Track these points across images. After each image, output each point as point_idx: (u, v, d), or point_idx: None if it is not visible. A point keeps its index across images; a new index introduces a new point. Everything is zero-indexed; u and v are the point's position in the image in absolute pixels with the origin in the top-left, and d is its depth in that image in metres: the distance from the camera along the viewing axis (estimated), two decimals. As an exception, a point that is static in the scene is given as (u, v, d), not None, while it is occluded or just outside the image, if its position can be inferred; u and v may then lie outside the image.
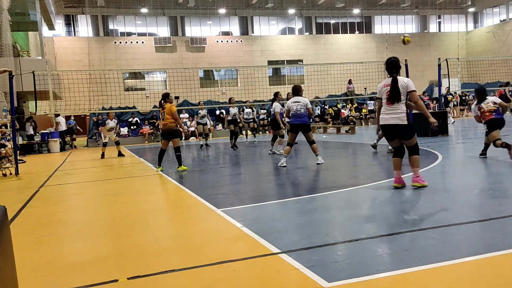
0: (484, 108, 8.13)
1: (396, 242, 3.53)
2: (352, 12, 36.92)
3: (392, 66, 5.75)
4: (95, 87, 22.01)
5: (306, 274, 2.95)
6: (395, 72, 5.71)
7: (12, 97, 10.89)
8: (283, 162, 8.65)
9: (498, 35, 37.20)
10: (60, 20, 31.05)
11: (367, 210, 4.74)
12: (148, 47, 32.23)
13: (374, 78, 22.44)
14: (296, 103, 8.72)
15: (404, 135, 5.66)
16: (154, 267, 3.31)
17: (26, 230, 4.86)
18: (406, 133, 5.62)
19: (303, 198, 5.57)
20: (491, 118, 8.03)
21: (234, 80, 34.33)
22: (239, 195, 6.08)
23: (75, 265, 3.54)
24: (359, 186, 6.12)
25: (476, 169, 7.26)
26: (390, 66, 5.75)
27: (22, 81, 17.12)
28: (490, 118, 8.06)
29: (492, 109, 8.08)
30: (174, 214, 5.43)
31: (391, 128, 5.69)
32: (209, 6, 33.21)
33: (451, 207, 4.72)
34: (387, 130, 5.77)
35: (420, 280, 2.78)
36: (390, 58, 5.85)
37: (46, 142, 19.25)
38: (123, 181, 8.58)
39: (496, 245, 3.30)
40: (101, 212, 5.71)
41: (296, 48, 35.59)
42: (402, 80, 5.65)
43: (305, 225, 4.21)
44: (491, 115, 8.07)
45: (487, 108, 8.09)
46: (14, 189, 8.56)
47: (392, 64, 5.76)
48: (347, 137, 16.63)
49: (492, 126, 8.08)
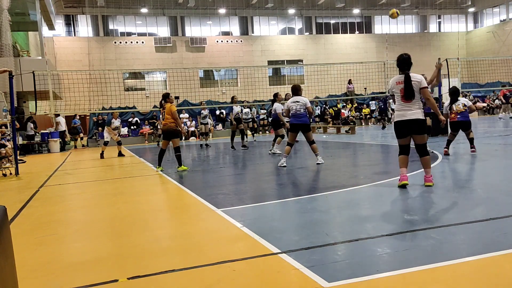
0: (454, 109, 8.99)
1: (396, 242, 3.53)
2: (352, 12, 36.90)
3: (404, 63, 5.80)
4: (95, 87, 22.01)
5: (306, 274, 2.95)
6: (407, 69, 5.76)
7: (12, 97, 10.90)
8: (283, 162, 8.66)
9: (498, 35, 37.19)
10: (60, 20, 31.04)
11: (367, 210, 4.74)
12: (148, 47, 32.22)
13: (374, 78, 22.44)
14: (295, 103, 8.74)
15: (419, 130, 5.71)
16: (154, 267, 3.31)
17: (26, 230, 4.86)
18: (421, 128, 5.70)
19: (303, 198, 5.57)
20: (454, 120, 8.98)
21: (234, 80, 34.32)
22: (239, 195, 6.08)
23: (75, 265, 3.54)
24: (359, 186, 6.12)
25: (476, 169, 7.26)
26: (402, 63, 5.81)
27: (22, 81, 17.13)
28: (453, 120, 9.00)
29: (460, 111, 8.97)
30: (174, 214, 5.43)
31: (406, 123, 5.73)
32: (209, 6, 33.20)
33: (451, 207, 4.72)
34: (402, 126, 5.80)
35: (420, 280, 2.78)
36: (402, 55, 5.89)
37: (46, 142, 19.26)
38: (123, 181, 8.58)
39: (496, 245, 3.30)
40: (101, 212, 5.71)
41: (296, 48, 35.58)
42: (414, 77, 5.71)
43: (305, 225, 4.21)
44: (455, 117, 8.97)
45: (456, 109, 8.96)
46: (14, 189, 8.56)
47: (404, 61, 5.80)
48: (347, 137, 16.63)
49: (453, 127, 9.06)
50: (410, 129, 5.74)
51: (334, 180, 7.07)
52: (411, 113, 5.70)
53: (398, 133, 5.91)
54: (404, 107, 5.74)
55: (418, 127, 5.70)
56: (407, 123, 5.73)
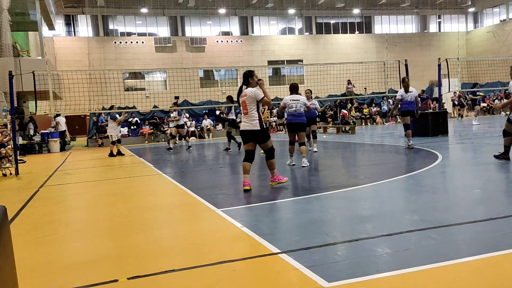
0: None
1: (396, 242, 3.53)
2: (352, 12, 36.90)
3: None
4: (95, 87, 21.99)
5: (306, 274, 2.95)
6: None
7: (12, 97, 10.89)
8: (291, 162, 8.78)
9: (498, 35, 37.19)
10: (60, 20, 31.04)
11: (367, 210, 4.74)
12: (148, 47, 32.23)
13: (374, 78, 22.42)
14: (295, 101, 8.59)
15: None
16: (154, 267, 3.31)
17: (26, 230, 4.85)
18: None
19: (303, 198, 5.57)
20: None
21: (234, 80, 34.32)
22: (239, 195, 6.08)
23: (75, 265, 3.54)
24: (359, 186, 6.12)
25: (476, 169, 7.26)
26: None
27: (22, 81, 17.11)
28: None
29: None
30: (174, 214, 5.43)
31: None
32: (209, 6, 33.20)
33: (451, 207, 4.72)
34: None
35: (420, 280, 2.78)
36: None
37: (46, 142, 19.25)
38: (123, 181, 8.58)
39: (496, 245, 3.30)
40: (101, 212, 5.71)
41: (296, 48, 35.59)
42: None
43: (305, 225, 4.21)
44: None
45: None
46: (14, 189, 8.56)
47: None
48: (347, 137, 16.62)
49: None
50: None
51: (334, 180, 7.07)
52: None
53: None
54: None
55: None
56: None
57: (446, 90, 16.38)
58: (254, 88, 6.24)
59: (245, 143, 6.36)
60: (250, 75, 6.28)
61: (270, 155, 6.36)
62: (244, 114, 6.29)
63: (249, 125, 6.21)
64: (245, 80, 6.30)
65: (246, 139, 6.32)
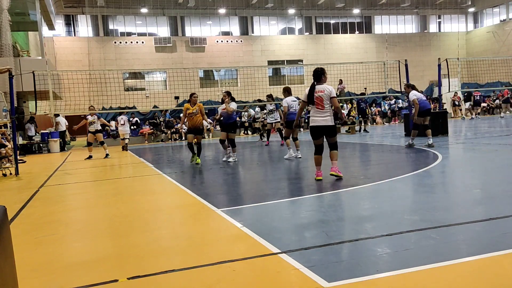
0: None
1: (396, 242, 3.53)
2: (352, 12, 36.91)
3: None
4: (95, 87, 22.01)
5: (306, 274, 2.95)
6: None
7: (12, 97, 10.89)
8: (297, 154, 9.88)
9: (498, 35, 37.20)
10: (60, 20, 31.04)
11: (367, 210, 4.73)
12: (148, 47, 32.23)
13: (374, 78, 22.43)
14: (295, 102, 10.02)
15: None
16: (154, 267, 3.31)
17: (26, 230, 4.85)
18: None
19: (303, 198, 5.57)
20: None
21: (234, 80, 34.33)
22: (239, 195, 6.07)
23: (75, 265, 3.54)
24: (359, 186, 6.12)
25: (476, 169, 7.26)
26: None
27: (22, 81, 17.12)
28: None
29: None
30: (174, 214, 5.43)
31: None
32: (209, 6, 33.21)
33: (451, 207, 4.71)
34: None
35: (420, 280, 2.78)
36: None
37: (46, 142, 19.25)
38: (123, 181, 8.58)
39: (496, 245, 3.30)
40: (101, 212, 5.71)
41: (296, 48, 35.59)
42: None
43: (305, 225, 4.21)
44: None
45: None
46: (14, 189, 8.56)
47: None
48: (347, 137, 16.63)
49: None
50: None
51: (334, 180, 7.06)
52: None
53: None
54: None
55: None
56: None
57: (446, 90, 16.39)
58: (329, 85, 6.71)
59: (317, 138, 6.71)
60: (323, 72, 6.67)
61: (335, 146, 6.75)
62: (318, 110, 6.55)
63: (324, 120, 6.52)
64: (318, 77, 6.64)
65: (319, 134, 6.67)
